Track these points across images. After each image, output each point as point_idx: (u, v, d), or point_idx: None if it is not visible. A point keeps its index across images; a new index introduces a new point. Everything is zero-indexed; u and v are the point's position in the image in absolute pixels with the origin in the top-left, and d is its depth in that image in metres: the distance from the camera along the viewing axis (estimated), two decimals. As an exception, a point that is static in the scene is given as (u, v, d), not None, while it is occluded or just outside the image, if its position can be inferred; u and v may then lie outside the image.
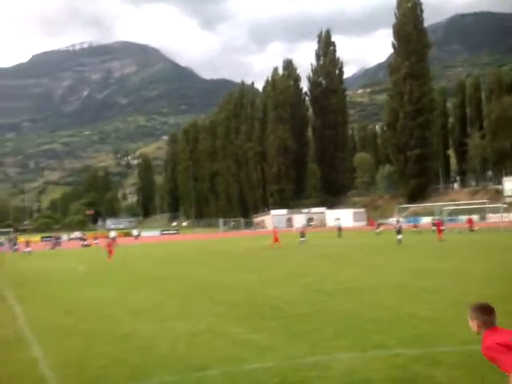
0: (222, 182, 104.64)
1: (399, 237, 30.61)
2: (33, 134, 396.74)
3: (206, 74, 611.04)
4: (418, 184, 72.24)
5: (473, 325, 3.77)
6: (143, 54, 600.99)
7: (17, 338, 9.52)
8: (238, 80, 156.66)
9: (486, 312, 3.76)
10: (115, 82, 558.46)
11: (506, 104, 68.12)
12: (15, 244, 51.54)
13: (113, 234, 58.85)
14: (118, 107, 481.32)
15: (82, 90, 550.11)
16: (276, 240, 32.54)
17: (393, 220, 57.16)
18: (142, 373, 6.88)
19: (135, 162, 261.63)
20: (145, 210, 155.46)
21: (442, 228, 33.46)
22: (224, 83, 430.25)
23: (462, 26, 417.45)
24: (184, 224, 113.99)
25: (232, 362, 7.17)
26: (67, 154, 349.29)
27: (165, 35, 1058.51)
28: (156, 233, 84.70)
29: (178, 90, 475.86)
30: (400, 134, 72.71)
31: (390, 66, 78.04)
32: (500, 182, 66.30)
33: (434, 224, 39.27)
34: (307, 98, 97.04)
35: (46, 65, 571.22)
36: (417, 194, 71.65)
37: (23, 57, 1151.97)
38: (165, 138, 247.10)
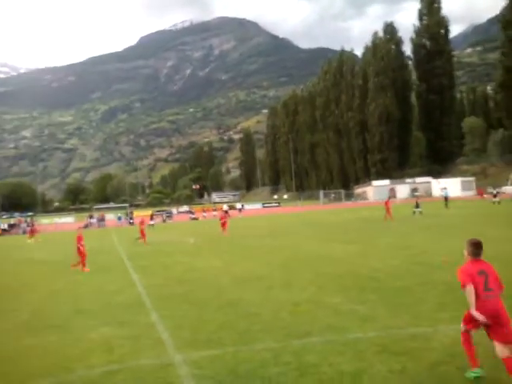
0: (322, 154, 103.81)
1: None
2: (142, 114, 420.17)
3: (305, 43, 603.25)
4: (537, 149, 66.39)
5: (465, 253, 5.20)
6: (241, 28, 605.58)
7: (136, 303, 10.49)
8: (337, 47, 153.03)
9: (474, 246, 5.21)
10: (216, 59, 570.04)
11: None
12: (131, 218, 55.66)
13: (225, 207, 61.06)
14: (219, 83, 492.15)
15: (185, 69, 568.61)
16: (388, 212, 31.35)
17: (507, 188, 53.44)
18: (248, 338, 7.29)
19: (237, 136, 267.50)
20: (247, 184, 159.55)
21: None
22: (323, 52, 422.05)
23: None
24: (285, 196, 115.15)
25: (333, 330, 7.34)
26: (174, 132, 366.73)
27: (262, 7, 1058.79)
28: (258, 206, 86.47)
29: (277, 62, 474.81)
30: (515, 95, 66.89)
31: (504, 20, 71.13)
32: None
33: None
34: (410, 62, 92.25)
35: (152, 46, 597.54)
36: (535, 160, 65.97)
37: (132, 40, 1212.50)
38: (265, 111, 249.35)
